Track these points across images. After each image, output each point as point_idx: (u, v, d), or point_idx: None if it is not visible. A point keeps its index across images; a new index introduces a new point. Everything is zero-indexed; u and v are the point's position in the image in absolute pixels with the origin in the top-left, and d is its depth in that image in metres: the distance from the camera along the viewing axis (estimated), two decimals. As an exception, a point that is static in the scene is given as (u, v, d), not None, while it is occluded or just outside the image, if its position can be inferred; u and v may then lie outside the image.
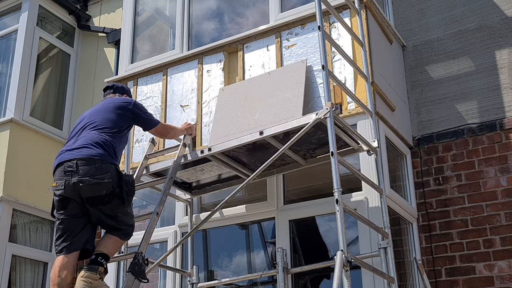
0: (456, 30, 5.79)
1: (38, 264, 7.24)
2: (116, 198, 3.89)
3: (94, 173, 3.81)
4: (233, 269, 5.49)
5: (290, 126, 4.19)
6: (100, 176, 3.82)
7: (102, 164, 3.86)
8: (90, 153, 3.88)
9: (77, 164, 3.84)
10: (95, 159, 3.85)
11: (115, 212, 3.92)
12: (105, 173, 3.84)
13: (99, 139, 3.98)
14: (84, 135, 4.02)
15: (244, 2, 6.35)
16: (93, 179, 3.80)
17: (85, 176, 3.80)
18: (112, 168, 3.90)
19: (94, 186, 3.80)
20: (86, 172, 3.81)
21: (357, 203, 4.62)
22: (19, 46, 7.62)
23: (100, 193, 3.83)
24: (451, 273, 5.09)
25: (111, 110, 4.20)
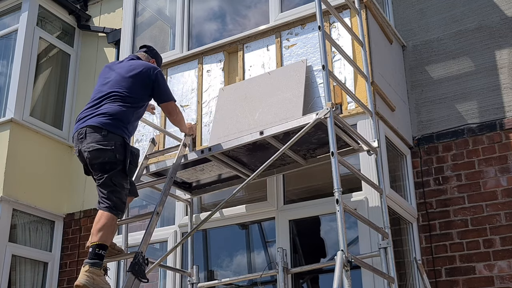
0: (456, 30, 5.79)
1: (38, 264, 7.24)
2: (118, 168, 3.97)
3: (99, 140, 3.93)
4: (233, 269, 5.49)
5: (290, 126, 4.19)
6: (104, 143, 3.93)
7: (109, 133, 3.96)
8: (99, 121, 4.00)
9: (86, 131, 3.99)
10: (102, 128, 3.97)
11: (112, 180, 3.95)
12: (109, 141, 3.94)
13: (113, 110, 4.06)
14: (101, 104, 4.12)
15: (244, 2, 6.35)
16: (96, 145, 3.92)
17: (91, 143, 3.94)
18: (118, 138, 3.99)
19: (97, 151, 3.92)
20: (92, 139, 3.95)
21: (357, 203, 4.62)
22: (19, 46, 7.62)
23: (102, 159, 3.92)
24: (451, 273, 5.09)
25: (133, 77, 4.24)
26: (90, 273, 3.71)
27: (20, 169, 7.08)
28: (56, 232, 7.45)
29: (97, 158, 3.94)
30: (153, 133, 5.79)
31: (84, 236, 7.25)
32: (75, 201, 7.53)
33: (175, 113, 4.58)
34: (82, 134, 4.01)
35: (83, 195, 7.48)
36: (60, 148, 7.71)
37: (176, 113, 4.58)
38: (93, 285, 3.69)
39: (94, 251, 3.81)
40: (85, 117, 4.09)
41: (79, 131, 4.05)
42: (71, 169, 7.70)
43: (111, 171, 3.94)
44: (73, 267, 7.22)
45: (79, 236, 7.30)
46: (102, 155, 3.93)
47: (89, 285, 3.67)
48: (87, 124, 4.02)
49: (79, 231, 7.34)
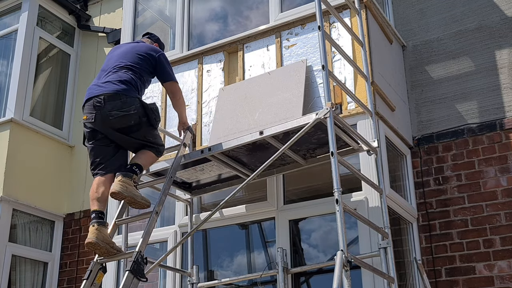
0: (456, 30, 5.79)
1: (38, 264, 7.24)
2: (145, 126, 4.28)
3: (121, 107, 4.19)
4: (233, 269, 5.49)
5: (290, 126, 4.19)
6: (126, 108, 4.19)
7: (126, 98, 4.22)
8: (116, 88, 4.24)
9: (104, 99, 4.21)
10: (120, 94, 4.22)
11: (146, 137, 4.32)
12: (130, 106, 4.20)
13: (125, 77, 4.34)
14: (112, 73, 4.37)
15: (244, 2, 6.35)
16: (120, 112, 4.17)
17: (113, 110, 4.17)
18: (136, 101, 4.26)
19: (122, 118, 4.18)
20: (113, 106, 4.18)
21: (357, 203, 4.62)
22: (19, 46, 7.62)
23: (129, 123, 4.21)
24: (451, 273, 5.09)
25: (139, 54, 4.52)
26: (123, 182, 4.06)
27: (20, 169, 7.08)
28: (56, 232, 7.45)
29: (124, 123, 4.21)
30: (153, 133, 5.78)
31: (84, 236, 7.22)
32: (75, 201, 7.53)
33: (179, 95, 4.72)
34: (100, 101, 4.21)
35: (83, 195, 7.48)
36: (60, 148, 7.71)
37: (180, 95, 4.72)
38: (126, 192, 4.05)
39: (131, 167, 4.20)
40: (99, 86, 4.31)
41: (95, 99, 4.24)
42: (71, 169, 7.70)
43: (139, 130, 4.26)
44: (73, 267, 7.22)
45: (79, 236, 7.30)
46: (127, 120, 4.21)
47: (123, 191, 4.03)
48: (103, 91, 4.24)
49: (79, 231, 7.34)
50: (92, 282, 4.12)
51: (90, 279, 4.11)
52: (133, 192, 4.10)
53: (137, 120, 4.24)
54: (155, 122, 4.37)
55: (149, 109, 4.31)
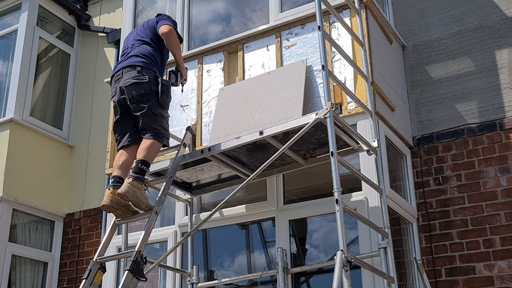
0: (456, 30, 5.79)
1: (38, 264, 7.24)
2: (154, 99, 4.38)
3: (135, 76, 4.39)
4: (233, 269, 5.49)
5: (290, 126, 4.19)
6: (140, 77, 4.38)
7: (142, 69, 4.42)
8: (133, 61, 4.48)
9: (122, 71, 4.47)
10: (136, 65, 4.44)
11: (152, 111, 4.38)
12: (143, 75, 4.39)
13: (142, 51, 4.54)
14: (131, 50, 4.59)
15: (244, 2, 6.35)
16: (132, 79, 4.38)
17: (128, 78, 4.40)
18: (151, 73, 4.43)
19: (134, 85, 4.36)
20: (128, 76, 4.41)
21: (357, 203, 4.62)
22: (19, 46, 7.62)
23: (139, 92, 4.36)
24: (451, 273, 5.09)
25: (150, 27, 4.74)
26: (132, 185, 4.08)
27: (20, 169, 7.08)
28: (56, 232, 7.44)
29: (135, 90, 4.36)
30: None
31: (84, 236, 7.26)
32: (75, 201, 7.53)
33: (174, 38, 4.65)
34: (119, 75, 4.48)
35: (83, 195, 7.48)
36: (60, 148, 7.71)
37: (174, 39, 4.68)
38: (132, 196, 4.05)
39: (138, 166, 4.20)
40: (120, 63, 4.56)
41: (116, 74, 4.53)
42: (71, 169, 7.70)
43: (148, 102, 4.35)
44: (73, 267, 7.22)
45: (79, 236, 7.30)
46: (139, 88, 4.36)
47: (128, 195, 4.03)
48: (122, 65, 4.50)
49: (79, 231, 7.33)
50: (91, 282, 4.13)
51: (90, 278, 4.12)
52: (139, 198, 4.09)
53: (148, 90, 4.37)
54: (164, 98, 4.46)
55: (160, 82, 4.44)
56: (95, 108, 7.85)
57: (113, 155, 6.04)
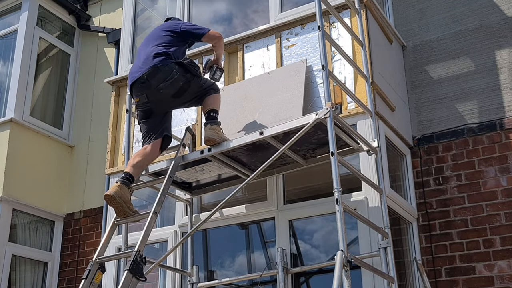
0: (456, 30, 5.79)
1: (38, 264, 7.24)
2: (192, 80, 4.58)
3: (164, 78, 4.46)
4: (233, 269, 5.49)
5: (290, 126, 4.19)
6: (169, 76, 4.46)
7: (164, 67, 4.48)
8: (151, 64, 4.50)
9: (147, 78, 4.49)
10: (157, 66, 4.48)
11: (201, 87, 4.64)
12: (170, 72, 4.47)
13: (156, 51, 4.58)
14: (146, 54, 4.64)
15: (244, 2, 6.35)
16: (166, 82, 4.46)
17: (159, 84, 4.46)
18: (172, 65, 4.51)
19: (171, 85, 4.48)
20: (158, 81, 4.46)
21: (357, 203, 4.61)
22: (19, 46, 7.62)
23: (179, 86, 4.51)
24: (451, 273, 5.09)
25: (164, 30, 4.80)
26: (213, 129, 4.45)
27: (20, 169, 7.08)
28: (56, 232, 7.44)
29: (175, 88, 4.50)
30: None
31: (84, 236, 7.25)
32: (75, 201, 7.53)
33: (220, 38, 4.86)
34: (144, 81, 4.50)
35: (83, 195, 7.48)
36: (60, 148, 7.71)
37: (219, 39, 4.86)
38: (218, 137, 4.44)
39: (210, 114, 4.55)
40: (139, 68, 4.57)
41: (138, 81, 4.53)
42: (71, 169, 7.70)
43: (189, 87, 4.56)
44: (73, 267, 7.22)
45: (79, 236, 7.30)
46: (176, 84, 4.49)
47: (216, 137, 4.44)
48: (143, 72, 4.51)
49: (79, 231, 7.33)
50: (90, 282, 4.13)
51: (89, 278, 4.13)
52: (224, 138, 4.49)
53: (183, 79, 4.51)
54: (196, 72, 4.62)
55: (185, 64, 4.55)
56: (95, 108, 7.85)
57: (113, 155, 6.05)
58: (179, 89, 4.53)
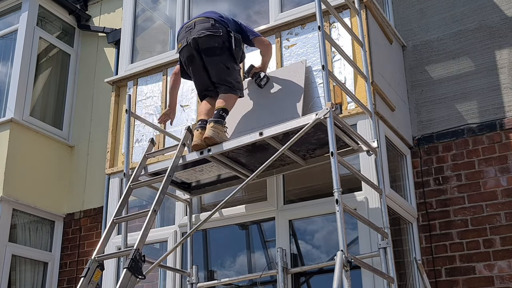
0: (456, 30, 5.79)
1: (38, 264, 7.24)
2: (227, 53, 4.58)
3: (208, 28, 4.55)
4: (233, 269, 5.49)
5: (289, 126, 4.18)
6: (213, 30, 4.54)
7: (216, 23, 4.59)
8: (206, 15, 4.67)
9: (195, 23, 4.64)
10: (210, 18, 4.62)
11: (226, 64, 4.59)
12: (217, 29, 4.55)
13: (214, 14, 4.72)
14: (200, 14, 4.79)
15: (244, 2, 6.35)
16: (206, 31, 4.54)
17: (201, 30, 4.55)
18: (224, 28, 4.60)
19: (208, 37, 4.53)
20: (202, 27, 4.57)
21: (357, 203, 4.61)
22: (19, 46, 7.61)
23: (213, 44, 4.54)
24: (451, 273, 5.09)
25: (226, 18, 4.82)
26: (215, 128, 4.44)
27: (20, 169, 7.08)
28: (56, 232, 7.44)
29: (208, 42, 4.53)
30: (153, 133, 5.79)
31: (84, 236, 7.25)
32: (75, 201, 7.52)
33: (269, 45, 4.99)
34: (191, 26, 4.62)
35: (83, 195, 7.48)
36: (60, 148, 7.71)
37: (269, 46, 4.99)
38: (217, 137, 4.42)
39: (219, 113, 4.52)
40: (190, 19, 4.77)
41: (187, 25, 4.68)
42: (71, 169, 7.70)
43: (221, 55, 4.55)
44: (73, 267, 7.22)
45: (79, 236, 7.30)
46: (212, 40, 4.53)
47: (215, 136, 4.42)
48: (195, 18, 4.67)
49: (79, 231, 7.33)
50: (89, 280, 4.12)
51: (88, 276, 4.12)
52: (224, 138, 4.45)
53: (221, 44, 4.53)
54: (238, 50, 4.65)
55: (234, 38, 4.60)
56: (95, 108, 7.85)
57: (113, 155, 6.05)
58: (211, 47, 4.54)
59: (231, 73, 4.66)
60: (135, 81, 6.19)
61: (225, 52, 4.59)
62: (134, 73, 6.21)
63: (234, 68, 4.69)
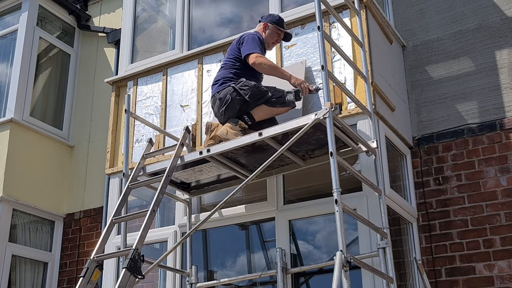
0: (456, 30, 5.78)
1: (38, 264, 7.24)
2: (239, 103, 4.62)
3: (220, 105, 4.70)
4: (232, 269, 5.49)
5: (289, 126, 4.17)
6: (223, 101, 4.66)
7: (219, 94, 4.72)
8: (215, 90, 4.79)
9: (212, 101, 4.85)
10: (215, 95, 4.77)
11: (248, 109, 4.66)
12: (224, 97, 4.66)
13: (220, 76, 4.81)
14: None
15: (244, 2, 6.35)
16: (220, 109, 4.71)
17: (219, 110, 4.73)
18: (228, 89, 4.67)
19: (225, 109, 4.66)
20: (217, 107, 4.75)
21: (357, 203, 4.61)
22: (19, 46, 7.61)
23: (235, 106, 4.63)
24: (451, 273, 5.08)
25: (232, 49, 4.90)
26: (227, 127, 4.59)
27: (20, 169, 7.08)
28: (56, 232, 7.44)
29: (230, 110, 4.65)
30: (153, 133, 5.79)
31: (84, 236, 7.25)
32: (75, 201, 7.53)
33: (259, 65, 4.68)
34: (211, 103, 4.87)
35: (83, 195, 7.48)
36: (60, 148, 7.71)
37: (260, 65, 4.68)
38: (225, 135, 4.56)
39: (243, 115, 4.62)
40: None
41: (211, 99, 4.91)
42: (71, 169, 7.70)
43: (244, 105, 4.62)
44: (73, 267, 7.22)
45: (79, 236, 7.30)
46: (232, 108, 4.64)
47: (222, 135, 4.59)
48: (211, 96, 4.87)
49: (79, 231, 7.33)
50: (88, 280, 4.12)
51: (87, 276, 4.12)
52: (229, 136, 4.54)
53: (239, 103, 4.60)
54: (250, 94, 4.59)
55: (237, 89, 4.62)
56: (95, 108, 7.85)
57: (113, 155, 6.05)
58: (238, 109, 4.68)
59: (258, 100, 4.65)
60: (135, 81, 6.19)
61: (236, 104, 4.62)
62: (134, 73, 6.21)
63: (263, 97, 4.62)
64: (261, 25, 4.96)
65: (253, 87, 4.61)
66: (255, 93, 4.60)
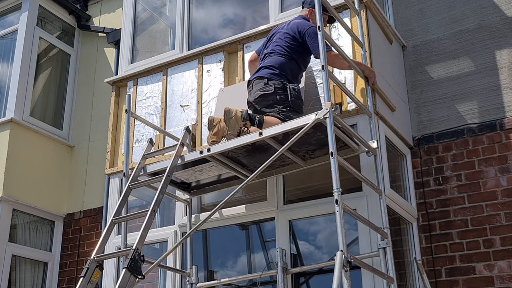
0: (456, 30, 5.79)
1: (38, 264, 7.24)
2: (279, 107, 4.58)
3: (262, 88, 4.62)
4: (232, 269, 5.49)
5: (289, 126, 4.17)
6: (266, 88, 4.60)
7: (268, 80, 4.62)
8: (261, 74, 4.70)
9: (253, 83, 4.73)
10: (263, 77, 4.66)
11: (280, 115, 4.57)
12: (269, 86, 4.60)
13: (272, 62, 4.71)
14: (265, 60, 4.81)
15: (244, 2, 6.35)
16: (259, 92, 4.63)
17: (256, 91, 4.66)
18: (277, 83, 4.61)
19: (261, 97, 4.62)
20: (256, 88, 4.67)
21: (357, 203, 4.61)
22: (19, 46, 7.61)
23: (268, 102, 4.60)
24: (451, 273, 5.09)
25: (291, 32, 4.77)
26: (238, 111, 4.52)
27: (20, 169, 7.08)
28: (56, 232, 7.44)
29: (262, 102, 4.62)
30: (153, 133, 5.79)
31: (84, 236, 7.26)
32: (75, 201, 7.53)
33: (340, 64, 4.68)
34: (250, 85, 4.74)
35: (83, 195, 7.48)
36: (60, 148, 7.71)
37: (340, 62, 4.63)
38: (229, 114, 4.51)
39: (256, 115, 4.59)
40: (255, 73, 4.80)
41: (249, 85, 4.78)
42: (71, 169, 7.70)
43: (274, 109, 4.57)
44: (73, 267, 7.22)
45: (79, 236, 7.30)
46: (265, 99, 4.60)
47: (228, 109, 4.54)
48: (254, 76, 4.74)
49: (79, 231, 7.34)
50: (88, 280, 4.13)
51: (87, 276, 4.12)
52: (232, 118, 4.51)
53: (275, 100, 4.57)
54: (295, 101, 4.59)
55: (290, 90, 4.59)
56: (95, 108, 7.85)
57: (113, 155, 6.05)
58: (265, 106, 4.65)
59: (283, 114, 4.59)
60: (135, 81, 6.20)
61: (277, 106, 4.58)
62: (134, 73, 6.21)
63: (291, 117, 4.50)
64: (306, 10, 4.95)
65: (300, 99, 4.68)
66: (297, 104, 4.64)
